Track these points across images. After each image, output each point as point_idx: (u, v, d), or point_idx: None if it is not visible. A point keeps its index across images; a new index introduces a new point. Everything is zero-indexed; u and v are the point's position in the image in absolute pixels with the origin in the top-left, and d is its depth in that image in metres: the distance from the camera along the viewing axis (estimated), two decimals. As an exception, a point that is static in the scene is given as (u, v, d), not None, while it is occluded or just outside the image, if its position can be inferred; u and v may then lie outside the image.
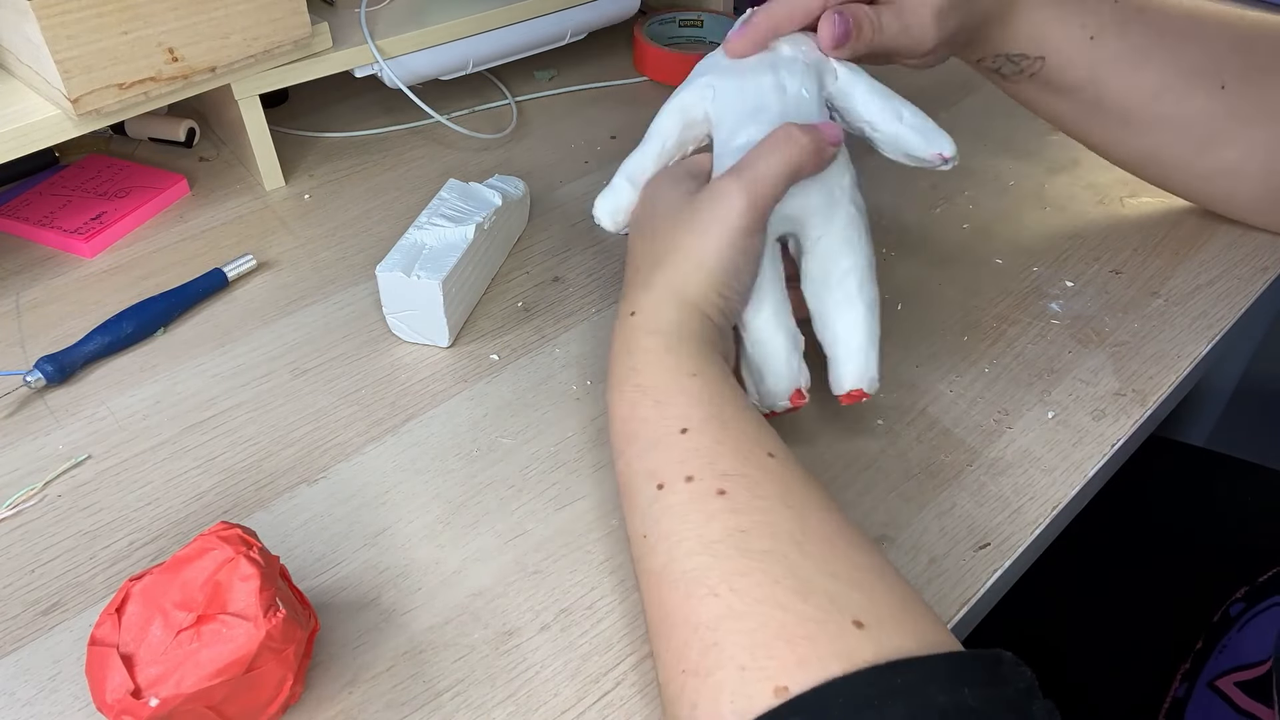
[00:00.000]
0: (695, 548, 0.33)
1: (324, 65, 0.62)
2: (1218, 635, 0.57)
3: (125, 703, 0.31)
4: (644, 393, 0.38)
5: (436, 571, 0.41)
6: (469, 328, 0.54)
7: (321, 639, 0.39)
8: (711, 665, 0.30)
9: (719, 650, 0.30)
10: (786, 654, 0.29)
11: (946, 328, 0.53)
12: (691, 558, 0.33)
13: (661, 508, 0.34)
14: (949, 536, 0.43)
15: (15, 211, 0.61)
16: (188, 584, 0.33)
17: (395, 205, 0.64)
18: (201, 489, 0.45)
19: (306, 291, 0.57)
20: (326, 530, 0.43)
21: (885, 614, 0.30)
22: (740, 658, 0.30)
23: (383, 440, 0.47)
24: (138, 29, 0.52)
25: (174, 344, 0.53)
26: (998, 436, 0.47)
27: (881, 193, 0.64)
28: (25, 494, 0.45)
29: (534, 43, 0.73)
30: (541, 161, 0.68)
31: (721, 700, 0.29)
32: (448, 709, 0.36)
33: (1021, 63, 0.52)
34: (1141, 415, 0.48)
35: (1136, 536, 0.66)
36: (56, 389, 0.50)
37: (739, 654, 0.30)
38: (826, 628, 0.29)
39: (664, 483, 0.35)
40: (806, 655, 0.29)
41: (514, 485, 0.45)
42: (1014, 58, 0.51)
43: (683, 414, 0.36)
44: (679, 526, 0.34)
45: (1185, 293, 0.56)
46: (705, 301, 0.40)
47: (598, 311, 0.55)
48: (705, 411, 0.36)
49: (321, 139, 0.71)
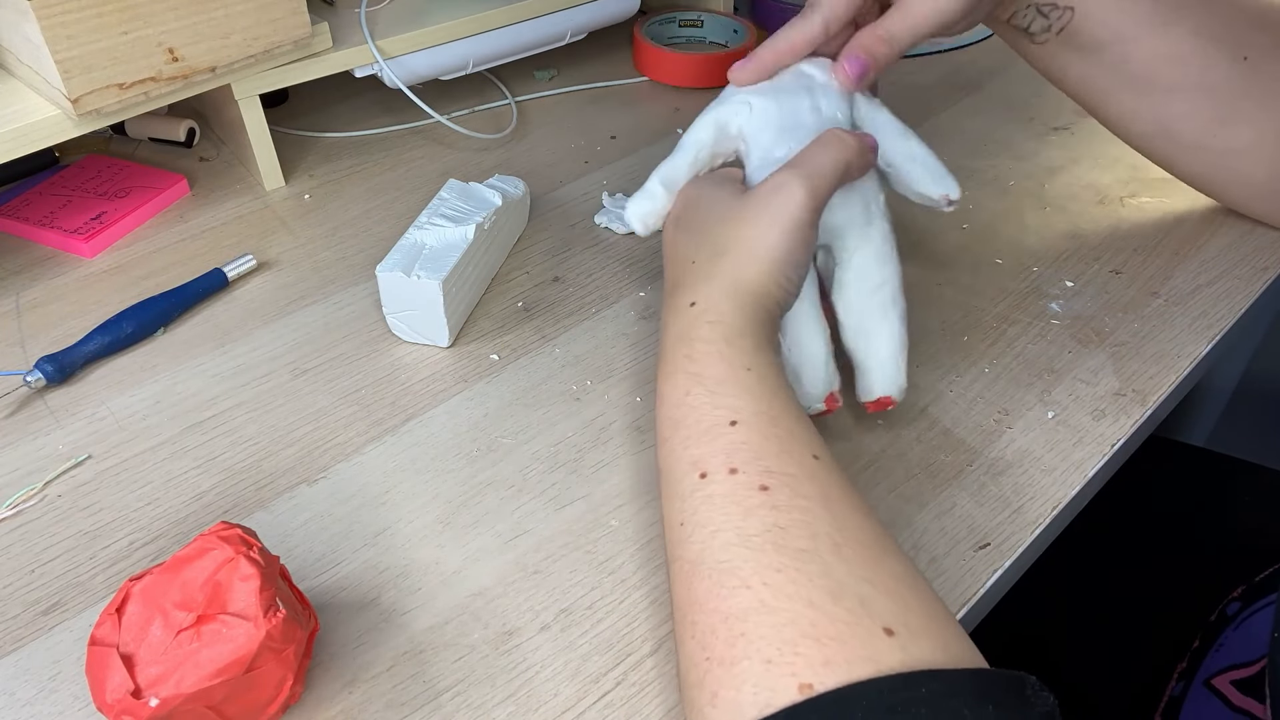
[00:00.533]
0: (732, 539, 0.33)
1: (324, 65, 0.62)
2: (1214, 634, 0.57)
3: (125, 703, 0.31)
4: (698, 381, 0.38)
5: (436, 571, 0.41)
6: (469, 328, 0.54)
7: (321, 639, 0.39)
8: (737, 655, 0.30)
9: (746, 641, 0.30)
10: (814, 652, 0.29)
11: (946, 328, 0.53)
12: (728, 549, 0.33)
13: (702, 497, 0.35)
14: (949, 536, 0.43)
15: (15, 211, 0.61)
16: (188, 584, 0.33)
17: (395, 205, 0.64)
18: (201, 489, 0.45)
19: (306, 291, 0.57)
20: (326, 530, 0.43)
21: (915, 624, 0.30)
22: (767, 651, 0.30)
23: (383, 440, 0.47)
24: (138, 29, 0.52)
25: (174, 344, 0.53)
26: (998, 436, 0.47)
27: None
28: (25, 494, 0.45)
29: (534, 43, 0.73)
30: (541, 161, 0.68)
31: (744, 691, 0.30)
32: (448, 709, 0.36)
33: (1051, 14, 0.51)
34: (1141, 415, 0.48)
35: (1136, 536, 0.66)
36: (56, 389, 0.50)
37: (766, 647, 0.30)
38: (856, 631, 0.30)
39: (707, 472, 0.35)
40: (833, 656, 0.29)
41: (514, 485, 0.45)
42: (1044, 8, 0.51)
43: (734, 406, 0.36)
44: (718, 517, 0.34)
45: (1185, 293, 0.56)
46: (765, 292, 0.40)
47: (598, 311, 0.55)
48: (757, 406, 0.36)
49: (321, 139, 0.71)
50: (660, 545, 0.42)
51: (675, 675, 0.37)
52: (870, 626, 0.30)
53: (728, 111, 0.47)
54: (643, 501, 0.44)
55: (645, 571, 0.41)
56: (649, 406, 0.49)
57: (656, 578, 0.41)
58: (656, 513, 0.43)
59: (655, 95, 0.77)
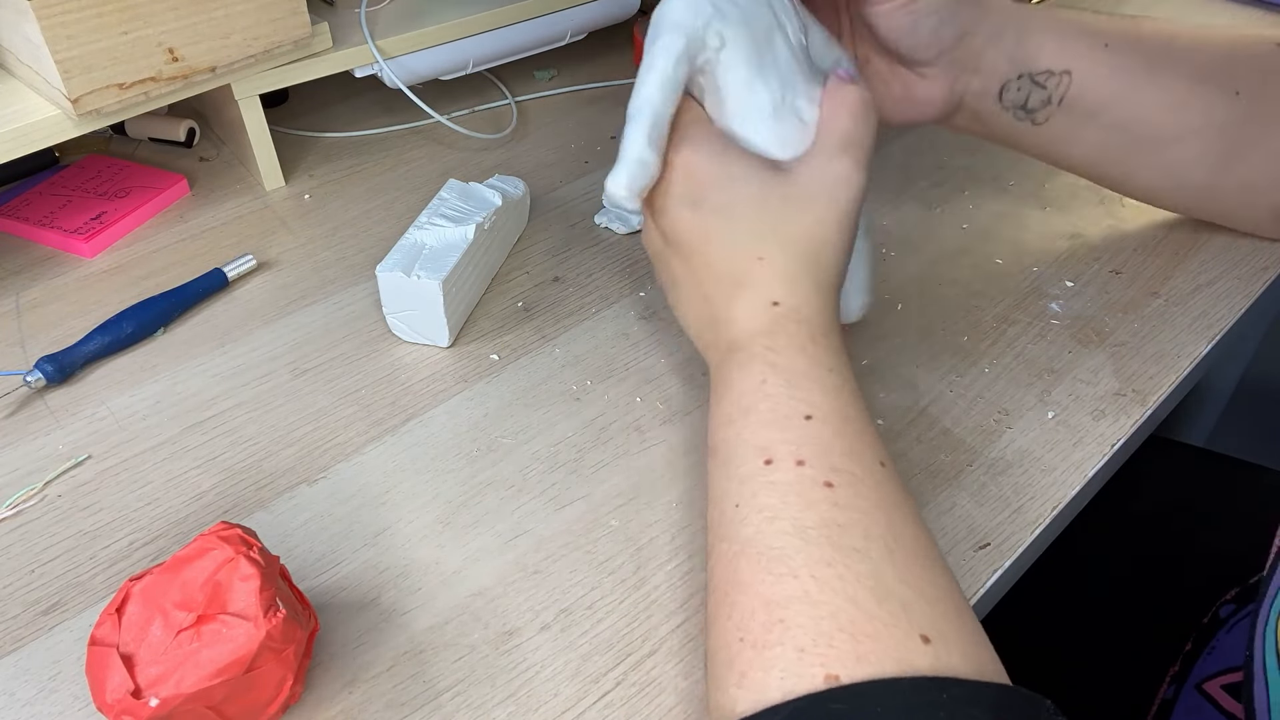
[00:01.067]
0: (788, 528, 0.33)
1: (324, 65, 0.62)
2: (1207, 636, 0.57)
3: (125, 703, 0.31)
4: (777, 371, 0.38)
5: (436, 571, 0.41)
6: (469, 328, 0.54)
7: (321, 639, 0.39)
8: (772, 641, 0.31)
9: (783, 628, 0.31)
10: (848, 647, 0.30)
11: (946, 328, 0.53)
12: (782, 536, 0.33)
13: (764, 482, 0.35)
14: (949, 536, 0.43)
15: (15, 211, 0.61)
16: (188, 584, 0.33)
17: (395, 205, 0.64)
18: (201, 489, 0.45)
19: (306, 291, 0.57)
20: (326, 530, 0.43)
21: (951, 635, 0.31)
22: (802, 640, 0.30)
23: (383, 440, 0.47)
24: (138, 29, 0.52)
25: (174, 344, 0.53)
26: (998, 436, 0.47)
27: (882, 193, 0.64)
28: (25, 494, 0.45)
29: (534, 43, 0.73)
30: (541, 161, 0.68)
31: (771, 675, 0.30)
32: (448, 709, 0.36)
33: (1048, 83, 0.50)
34: (1141, 415, 0.48)
35: (1135, 537, 0.66)
36: (56, 389, 0.50)
37: (802, 637, 0.30)
38: (894, 633, 0.30)
39: (773, 459, 0.35)
40: (866, 653, 0.29)
41: (514, 485, 0.45)
42: (1039, 77, 0.50)
43: (811, 401, 0.37)
44: (777, 504, 0.34)
45: (1185, 293, 0.56)
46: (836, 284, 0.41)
47: (597, 311, 0.55)
48: (833, 405, 0.37)
49: (321, 139, 0.71)
50: (660, 545, 0.42)
51: (675, 675, 0.37)
52: (908, 630, 0.30)
53: (695, 44, 0.39)
54: (643, 501, 0.44)
55: (645, 571, 0.41)
56: (649, 406, 0.49)
57: (656, 578, 0.41)
58: (656, 513, 0.44)
59: (655, 95, 0.77)
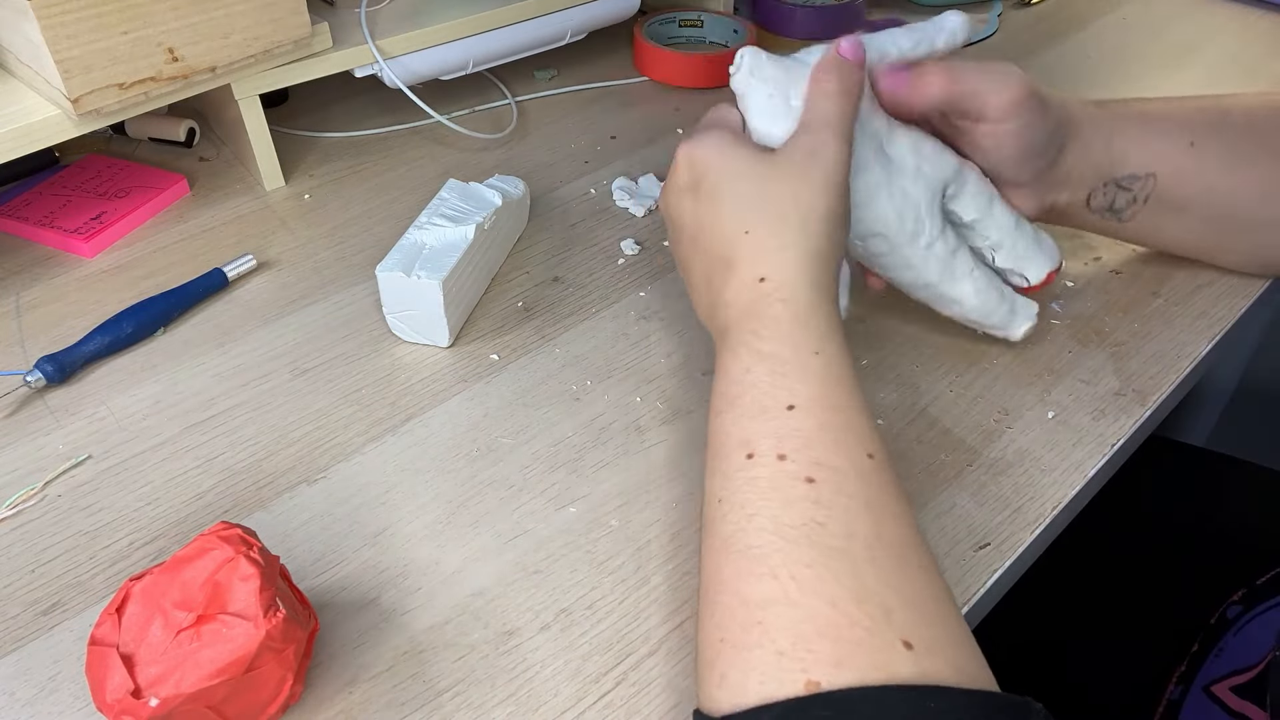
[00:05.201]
0: (767, 525, 0.33)
1: (324, 65, 0.62)
2: (1214, 638, 0.57)
3: (125, 703, 0.31)
4: (762, 359, 0.37)
5: (436, 571, 0.41)
6: (469, 328, 0.54)
7: (321, 639, 0.39)
8: (751, 642, 0.30)
9: (762, 630, 0.30)
10: (827, 652, 0.29)
11: (947, 328, 0.53)
12: (761, 535, 0.32)
13: (746, 478, 0.34)
14: (949, 536, 0.43)
15: (15, 211, 0.61)
16: (188, 584, 0.33)
17: (395, 205, 0.64)
18: (201, 489, 0.45)
19: (306, 291, 0.57)
20: (326, 530, 0.43)
21: (934, 640, 0.30)
22: (781, 643, 0.30)
23: (383, 440, 0.47)
24: (138, 29, 0.52)
25: (174, 344, 0.53)
26: (998, 436, 0.47)
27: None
28: (25, 494, 0.45)
29: (534, 43, 0.73)
30: (541, 161, 0.68)
31: (750, 677, 0.30)
32: (448, 709, 0.36)
33: (1134, 186, 0.50)
34: (1141, 415, 0.48)
35: (1136, 537, 0.66)
36: (56, 389, 0.50)
37: (780, 639, 0.30)
38: (874, 638, 0.29)
39: (755, 453, 0.35)
40: (846, 658, 0.29)
41: (514, 485, 0.45)
42: (1125, 182, 0.50)
43: (795, 390, 0.36)
44: (757, 501, 0.33)
45: (1185, 293, 0.56)
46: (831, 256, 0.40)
47: (597, 311, 0.55)
48: (818, 392, 0.36)
49: (321, 139, 0.71)
50: (660, 545, 0.42)
51: (675, 675, 0.37)
52: (889, 636, 0.30)
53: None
54: (643, 502, 0.44)
55: (645, 571, 0.41)
56: (649, 406, 0.49)
57: (656, 578, 0.41)
58: (656, 513, 0.44)
59: (655, 95, 0.77)
